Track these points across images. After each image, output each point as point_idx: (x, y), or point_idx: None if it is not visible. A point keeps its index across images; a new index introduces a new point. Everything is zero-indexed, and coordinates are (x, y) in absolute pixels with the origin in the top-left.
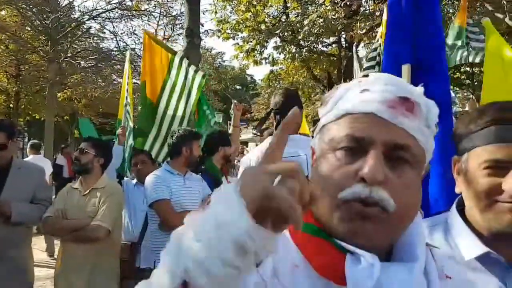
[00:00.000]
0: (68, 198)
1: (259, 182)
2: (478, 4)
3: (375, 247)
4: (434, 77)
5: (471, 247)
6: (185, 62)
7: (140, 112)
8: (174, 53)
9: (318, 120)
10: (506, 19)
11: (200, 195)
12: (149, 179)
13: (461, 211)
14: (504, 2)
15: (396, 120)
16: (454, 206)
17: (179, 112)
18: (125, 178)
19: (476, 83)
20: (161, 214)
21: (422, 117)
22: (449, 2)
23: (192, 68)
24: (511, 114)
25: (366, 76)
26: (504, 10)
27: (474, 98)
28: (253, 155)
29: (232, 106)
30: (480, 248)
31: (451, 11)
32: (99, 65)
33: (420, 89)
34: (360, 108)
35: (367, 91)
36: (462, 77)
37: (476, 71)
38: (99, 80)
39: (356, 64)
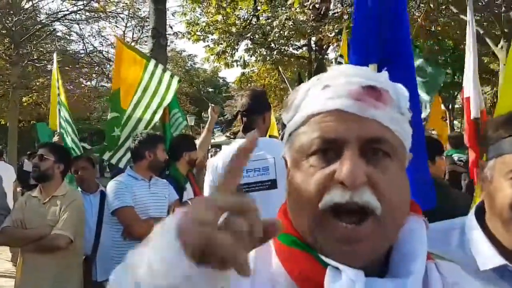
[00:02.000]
0: (27, 207)
1: (202, 226)
2: (443, 7)
3: (368, 263)
4: (402, 73)
5: (488, 257)
6: (160, 68)
7: (110, 121)
8: (148, 58)
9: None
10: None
11: (167, 200)
12: (110, 185)
13: (479, 217)
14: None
15: (366, 113)
16: (472, 212)
17: (147, 116)
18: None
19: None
20: (124, 222)
21: (393, 105)
22: (416, 5)
23: (167, 74)
24: None
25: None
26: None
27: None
28: (218, 158)
29: (209, 109)
30: (498, 260)
31: (417, 14)
32: (66, 68)
33: (384, 74)
34: (325, 107)
35: (329, 87)
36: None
37: None
38: (66, 84)
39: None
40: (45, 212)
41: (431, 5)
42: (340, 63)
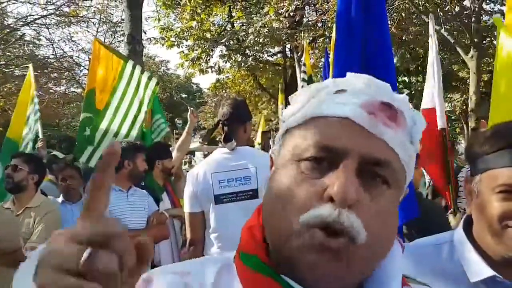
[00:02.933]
0: None
1: (59, 272)
2: (414, 16)
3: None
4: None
5: (478, 269)
6: (137, 69)
7: (82, 122)
8: (126, 59)
9: (267, 132)
10: (442, 31)
11: (146, 211)
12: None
13: (466, 230)
14: (441, 14)
15: (376, 130)
16: (461, 225)
17: (126, 124)
18: (50, 197)
19: (413, 92)
20: None
21: (406, 130)
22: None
23: (145, 75)
24: None
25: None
26: (440, 21)
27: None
28: (199, 168)
29: (188, 113)
30: (487, 271)
31: (389, 22)
32: (35, 73)
33: (404, 97)
34: (334, 111)
35: (344, 92)
36: (400, 86)
37: (413, 80)
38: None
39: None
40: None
41: (403, 14)
42: (304, 72)
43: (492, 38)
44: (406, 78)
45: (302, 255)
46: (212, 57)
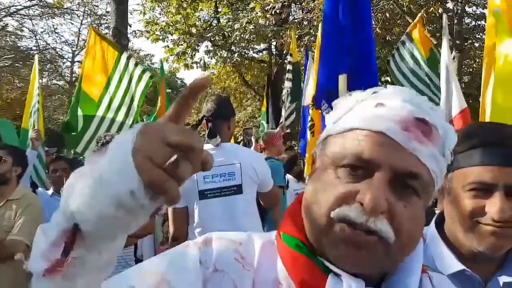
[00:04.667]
0: None
1: (152, 163)
2: (398, 17)
3: (364, 274)
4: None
5: (449, 263)
6: (131, 62)
7: (72, 106)
8: (120, 50)
9: (249, 129)
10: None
11: None
12: None
13: (438, 225)
14: (425, 15)
15: (409, 145)
16: (433, 221)
17: (119, 117)
18: (40, 188)
19: None
20: None
21: (438, 144)
22: (373, 14)
23: (139, 68)
24: (499, 137)
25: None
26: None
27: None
28: None
29: None
30: (457, 265)
31: (374, 23)
32: (17, 64)
33: (440, 110)
34: (372, 125)
35: (382, 106)
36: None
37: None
38: (16, 81)
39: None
40: None
41: (387, 15)
42: (290, 62)
43: (474, 41)
44: (388, 78)
45: (334, 246)
46: (198, 52)
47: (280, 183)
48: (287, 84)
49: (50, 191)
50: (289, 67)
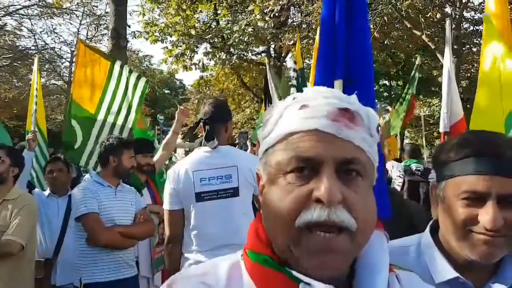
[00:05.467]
0: None
1: None
2: (396, 21)
3: (333, 277)
4: (363, 93)
5: (443, 271)
6: (125, 70)
7: (68, 125)
8: (113, 60)
9: (244, 132)
10: (423, 36)
11: (133, 208)
12: (77, 191)
13: (433, 232)
14: (423, 20)
15: (342, 134)
16: (428, 229)
17: (119, 121)
18: (36, 189)
19: (393, 96)
20: (87, 229)
21: (364, 126)
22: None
23: (134, 75)
24: (493, 147)
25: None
26: (421, 27)
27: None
28: (180, 166)
29: (177, 111)
30: (451, 273)
31: (372, 27)
32: (15, 64)
33: (354, 97)
34: (303, 126)
35: (306, 107)
36: (381, 89)
37: (393, 85)
38: (14, 80)
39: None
40: None
41: (385, 19)
42: (295, 70)
43: (472, 46)
44: (387, 82)
45: (309, 256)
46: (197, 53)
47: None
48: (291, 91)
49: (47, 192)
50: (292, 74)
